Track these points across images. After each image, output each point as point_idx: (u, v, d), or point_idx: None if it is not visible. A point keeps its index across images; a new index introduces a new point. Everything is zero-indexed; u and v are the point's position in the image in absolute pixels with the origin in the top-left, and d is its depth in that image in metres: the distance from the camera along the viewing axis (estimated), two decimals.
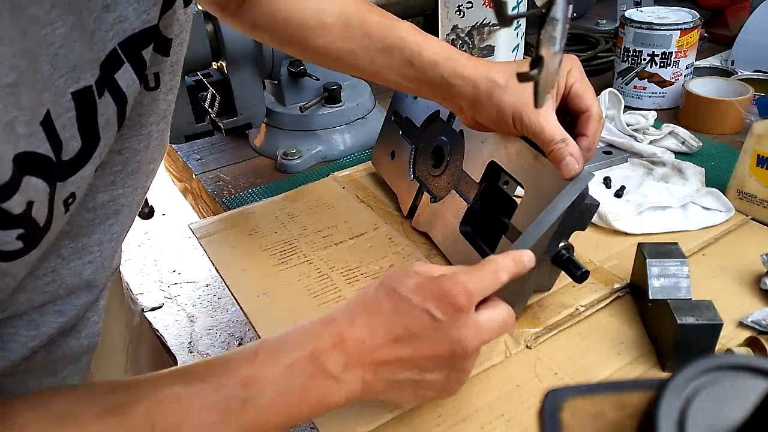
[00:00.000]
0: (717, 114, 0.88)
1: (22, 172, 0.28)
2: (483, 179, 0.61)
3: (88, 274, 0.39)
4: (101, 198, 0.38)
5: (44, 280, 0.37)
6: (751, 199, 0.68)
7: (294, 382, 0.37)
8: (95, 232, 0.39)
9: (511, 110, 0.51)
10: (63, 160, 0.31)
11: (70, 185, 0.32)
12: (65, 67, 0.30)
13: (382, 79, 0.58)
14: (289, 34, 0.58)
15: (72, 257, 0.38)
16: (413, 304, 0.39)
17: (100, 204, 0.38)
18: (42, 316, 0.38)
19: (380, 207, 0.76)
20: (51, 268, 0.37)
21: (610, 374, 0.51)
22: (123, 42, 0.33)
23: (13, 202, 0.27)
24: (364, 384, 0.39)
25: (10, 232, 0.29)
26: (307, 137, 0.91)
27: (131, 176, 0.40)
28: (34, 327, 0.38)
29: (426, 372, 0.40)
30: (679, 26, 0.92)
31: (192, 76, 0.89)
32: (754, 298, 0.57)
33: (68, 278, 0.38)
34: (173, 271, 2.20)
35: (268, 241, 0.71)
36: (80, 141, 0.32)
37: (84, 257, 0.39)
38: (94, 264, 0.40)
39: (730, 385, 0.21)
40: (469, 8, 0.95)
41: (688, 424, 0.20)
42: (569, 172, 0.49)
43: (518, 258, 0.44)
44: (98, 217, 0.39)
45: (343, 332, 0.39)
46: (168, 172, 1.15)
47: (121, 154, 0.39)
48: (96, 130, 0.33)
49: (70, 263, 0.38)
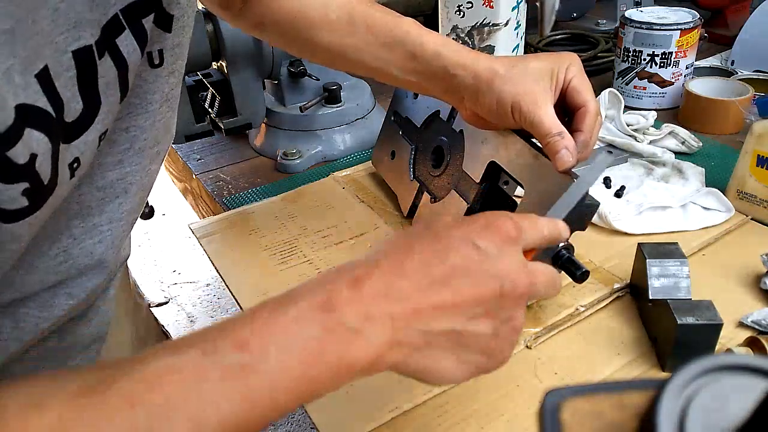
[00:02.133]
0: (717, 114, 0.88)
1: (23, 123, 0.28)
2: (483, 179, 0.61)
3: (99, 254, 0.40)
4: (110, 176, 0.39)
5: (56, 260, 0.37)
6: (751, 199, 0.68)
7: (303, 338, 0.30)
8: (105, 210, 0.40)
9: (511, 100, 0.51)
10: (66, 121, 0.31)
11: (74, 149, 0.33)
12: (65, 24, 0.30)
13: (384, 75, 0.58)
14: (293, 32, 0.58)
15: (83, 236, 0.39)
16: (453, 235, 0.33)
17: (109, 182, 0.39)
18: (54, 297, 0.39)
19: (380, 207, 0.76)
20: (63, 248, 0.38)
21: (610, 374, 0.51)
22: (124, 8, 0.34)
23: (16, 151, 0.28)
24: (393, 338, 0.31)
25: (15, 186, 0.29)
26: (307, 137, 0.91)
27: (138, 155, 0.40)
28: (46, 308, 0.39)
29: (470, 320, 0.33)
30: (679, 26, 0.92)
31: (192, 76, 0.89)
32: (754, 298, 0.57)
33: (80, 258, 0.39)
34: (173, 271, 2.20)
35: (268, 241, 0.71)
36: (81, 103, 0.32)
37: (95, 236, 0.39)
38: (104, 243, 0.40)
39: (730, 385, 0.21)
40: (469, 8, 0.95)
41: (688, 424, 0.20)
42: (563, 164, 0.49)
43: (555, 224, 0.41)
44: (107, 195, 0.39)
45: (363, 275, 0.31)
46: (168, 172, 1.15)
47: (128, 132, 0.39)
48: (97, 94, 0.33)
49: (81, 243, 0.39)
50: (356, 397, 0.49)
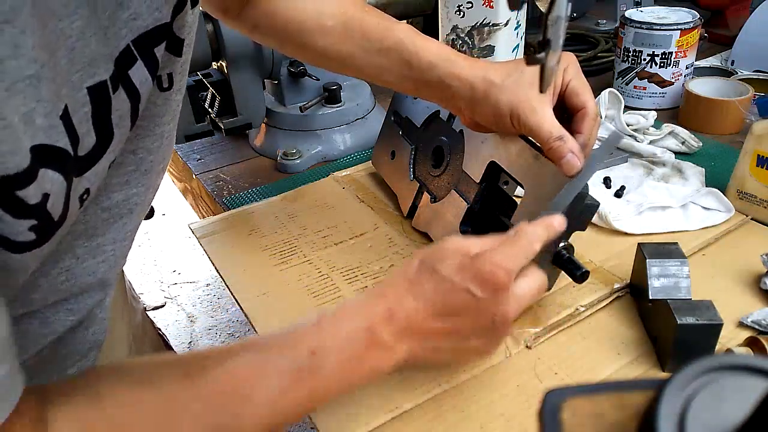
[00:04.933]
0: (717, 114, 0.88)
1: (39, 164, 0.28)
2: (483, 179, 0.61)
3: (101, 273, 0.40)
4: (116, 197, 0.39)
5: (59, 279, 0.37)
6: (751, 199, 0.68)
7: (354, 351, 0.40)
8: (109, 231, 0.40)
9: (509, 109, 0.51)
10: (79, 155, 0.31)
11: (85, 180, 0.33)
12: (81, 62, 0.30)
13: (381, 81, 0.58)
14: (288, 36, 0.58)
15: (86, 257, 0.39)
16: (455, 283, 0.41)
17: (114, 204, 0.39)
18: (55, 314, 0.39)
19: (380, 207, 0.76)
20: (66, 268, 0.38)
21: (610, 374, 0.51)
22: (136, 39, 0.34)
23: (29, 192, 0.28)
24: (410, 353, 0.42)
25: (23, 222, 0.29)
26: (307, 137, 0.91)
27: (145, 176, 0.41)
28: (46, 325, 0.39)
29: (467, 340, 0.43)
30: (679, 26, 0.92)
31: (192, 76, 0.89)
32: (754, 298, 0.57)
33: (82, 277, 0.39)
34: (173, 271, 2.20)
35: (268, 241, 0.71)
36: (95, 137, 0.32)
37: (98, 256, 0.39)
38: (107, 263, 0.40)
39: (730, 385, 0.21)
40: (469, 8, 0.95)
41: (688, 424, 0.20)
42: (570, 169, 0.49)
43: (549, 224, 0.46)
44: (113, 216, 0.39)
45: (393, 308, 0.41)
46: (168, 172, 1.15)
47: (136, 154, 0.39)
48: (110, 126, 0.33)
49: (84, 263, 0.39)
50: (356, 397, 0.49)
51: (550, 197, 0.52)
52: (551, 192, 0.52)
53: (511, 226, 0.56)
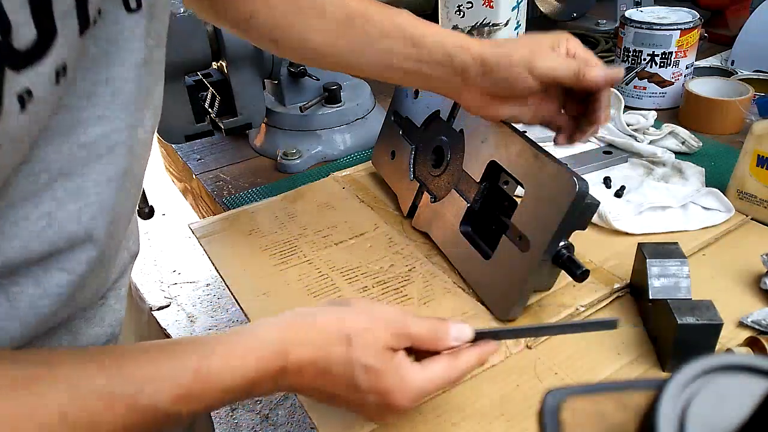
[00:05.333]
0: (717, 114, 0.88)
1: None
2: (483, 179, 0.61)
3: (86, 222, 0.39)
4: (92, 132, 0.38)
5: (39, 225, 0.36)
6: (751, 199, 0.68)
7: (228, 397, 0.39)
8: (90, 172, 0.38)
9: (524, 63, 0.53)
10: (14, 46, 0.30)
11: (24, 78, 0.31)
12: None
13: (383, 67, 0.58)
14: (287, 28, 0.58)
15: (67, 200, 0.37)
16: (359, 387, 0.42)
17: (92, 140, 0.38)
18: (46, 272, 0.38)
19: (380, 207, 0.76)
20: (46, 212, 0.36)
21: (610, 374, 0.51)
22: None
23: None
24: (295, 392, 0.44)
25: None
26: (307, 137, 0.91)
27: (123, 110, 0.39)
28: (39, 284, 0.38)
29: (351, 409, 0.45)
30: (679, 26, 0.92)
31: (192, 76, 0.89)
32: (754, 298, 0.57)
33: (66, 224, 0.38)
34: (173, 271, 2.20)
35: (268, 241, 0.71)
36: (34, 29, 0.31)
37: (80, 200, 0.38)
38: (90, 209, 0.39)
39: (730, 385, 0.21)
40: (469, 8, 0.95)
41: (688, 424, 0.20)
42: (616, 76, 0.53)
43: (488, 351, 0.46)
44: (91, 155, 0.38)
45: (288, 372, 0.41)
46: (168, 172, 1.15)
47: (108, 84, 0.38)
48: (52, 21, 0.31)
49: (65, 206, 0.37)
50: None
51: (550, 197, 0.52)
52: (551, 192, 0.52)
53: (511, 226, 0.56)
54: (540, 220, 0.53)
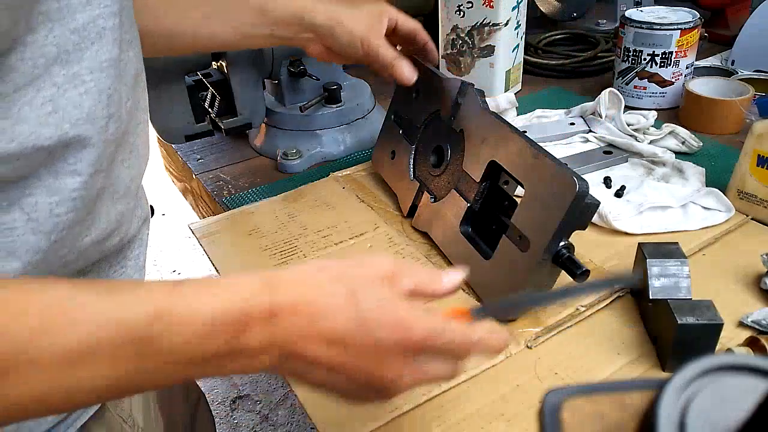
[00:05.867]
0: (717, 114, 0.88)
1: None
2: (483, 179, 0.61)
3: (87, 108, 0.40)
4: (80, 18, 0.39)
5: (44, 110, 0.37)
6: (751, 199, 0.68)
7: (208, 341, 0.33)
8: (84, 58, 0.39)
9: (360, 36, 0.64)
10: None
11: None
12: None
13: (240, 37, 0.66)
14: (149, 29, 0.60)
15: (66, 86, 0.39)
16: (366, 320, 0.36)
17: (81, 25, 0.39)
18: (57, 178, 0.39)
19: (380, 207, 0.76)
20: (48, 97, 0.38)
21: (610, 374, 0.51)
22: None
23: None
24: (274, 367, 0.36)
25: None
26: (307, 137, 0.91)
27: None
28: (52, 192, 0.39)
29: (338, 385, 0.37)
30: (679, 26, 0.92)
31: (192, 76, 0.89)
32: (754, 298, 0.57)
33: (68, 110, 0.39)
34: (173, 271, 2.20)
35: (268, 241, 0.71)
36: None
37: (78, 86, 0.39)
38: (90, 96, 0.40)
39: (730, 385, 0.21)
40: (469, 8, 0.95)
41: (688, 424, 0.20)
42: (410, 79, 0.66)
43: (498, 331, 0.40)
44: (83, 40, 0.39)
45: (281, 312, 0.35)
46: (168, 172, 1.15)
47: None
48: None
49: (66, 92, 0.39)
50: None
51: (551, 197, 0.52)
52: (551, 192, 0.52)
53: (511, 226, 0.56)
54: (540, 220, 0.53)
